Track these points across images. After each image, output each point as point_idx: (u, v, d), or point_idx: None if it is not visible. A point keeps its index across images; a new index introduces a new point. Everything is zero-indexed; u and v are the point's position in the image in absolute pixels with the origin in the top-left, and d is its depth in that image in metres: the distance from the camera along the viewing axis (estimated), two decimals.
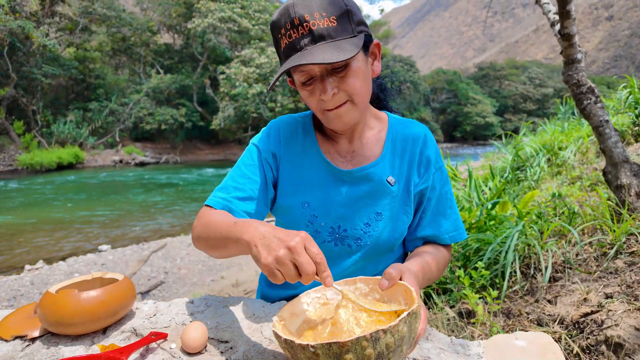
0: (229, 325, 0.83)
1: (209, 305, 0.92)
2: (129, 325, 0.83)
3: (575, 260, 2.07)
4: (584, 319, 1.54)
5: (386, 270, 0.70)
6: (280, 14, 0.79)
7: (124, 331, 0.81)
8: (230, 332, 0.80)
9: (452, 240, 0.99)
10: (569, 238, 2.27)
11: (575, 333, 1.53)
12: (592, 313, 1.54)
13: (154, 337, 0.75)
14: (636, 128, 4.03)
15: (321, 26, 0.76)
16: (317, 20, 0.76)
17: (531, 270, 2.12)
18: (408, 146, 0.97)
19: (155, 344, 0.77)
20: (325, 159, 0.96)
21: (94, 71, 22.99)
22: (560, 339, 1.52)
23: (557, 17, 2.48)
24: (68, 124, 20.44)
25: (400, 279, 0.70)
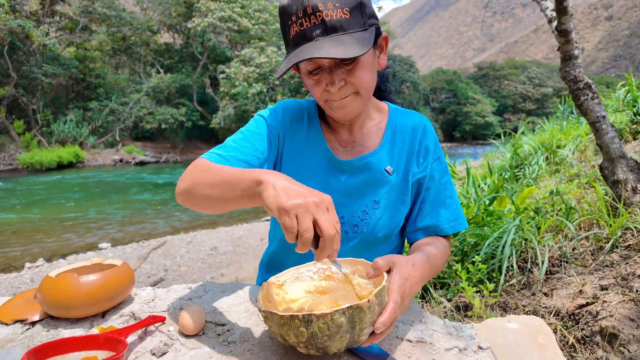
0: (226, 309, 0.84)
1: (207, 291, 0.93)
2: (128, 309, 0.84)
3: (571, 254, 2.08)
4: (579, 310, 1.55)
5: (375, 260, 0.69)
6: None
7: (122, 315, 0.83)
8: (227, 316, 0.81)
9: (453, 229, 0.99)
10: (565, 233, 2.29)
11: (571, 324, 1.54)
12: (588, 305, 1.55)
13: (152, 320, 0.76)
14: (634, 126, 4.04)
15: (334, 17, 0.75)
16: (330, 10, 0.74)
17: (528, 265, 2.14)
18: (407, 136, 0.98)
19: (153, 327, 0.78)
20: (327, 148, 0.97)
21: (94, 70, 22.97)
22: (556, 330, 1.54)
23: (555, 14, 2.49)
24: (68, 123, 20.42)
25: (389, 271, 0.69)
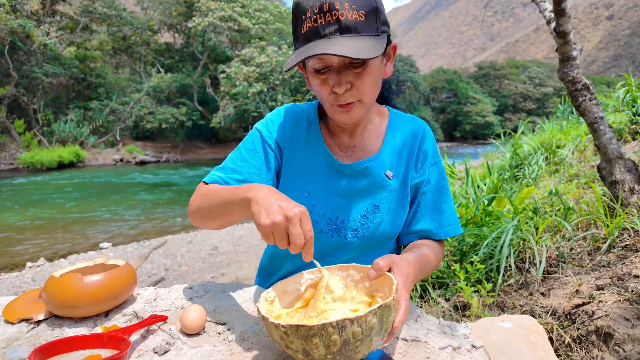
0: (227, 308, 0.86)
1: (208, 291, 0.95)
2: (130, 309, 0.86)
3: (569, 254, 2.10)
4: (575, 310, 1.57)
5: (375, 261, 0.70)
6: None
7: (125, 314, 0.84)
8: (228, 315, 0.83)
9: (446, 235, 1.00)
10: (563, 233, 2.30)
11: (567, 324, 1.56)
12: (584, 304, 1.57)
13: (154, 319, 0.78)
14: (633, 126, 4.06)
15: (349, 18, 0.75)
16: (347, 11, 0.75)
17: (526, 265, 2.15)
18: (407, 141, 0.99)
19: (155, 326, 0.80)
20: (327, 152, 0.98)
21: (95, 70, 23.00)
22: (552, 329, 1.55)
23: (553, 15, 2.51)
24: (69, 123, 20.45)
25: (389, 270, 0.70)
